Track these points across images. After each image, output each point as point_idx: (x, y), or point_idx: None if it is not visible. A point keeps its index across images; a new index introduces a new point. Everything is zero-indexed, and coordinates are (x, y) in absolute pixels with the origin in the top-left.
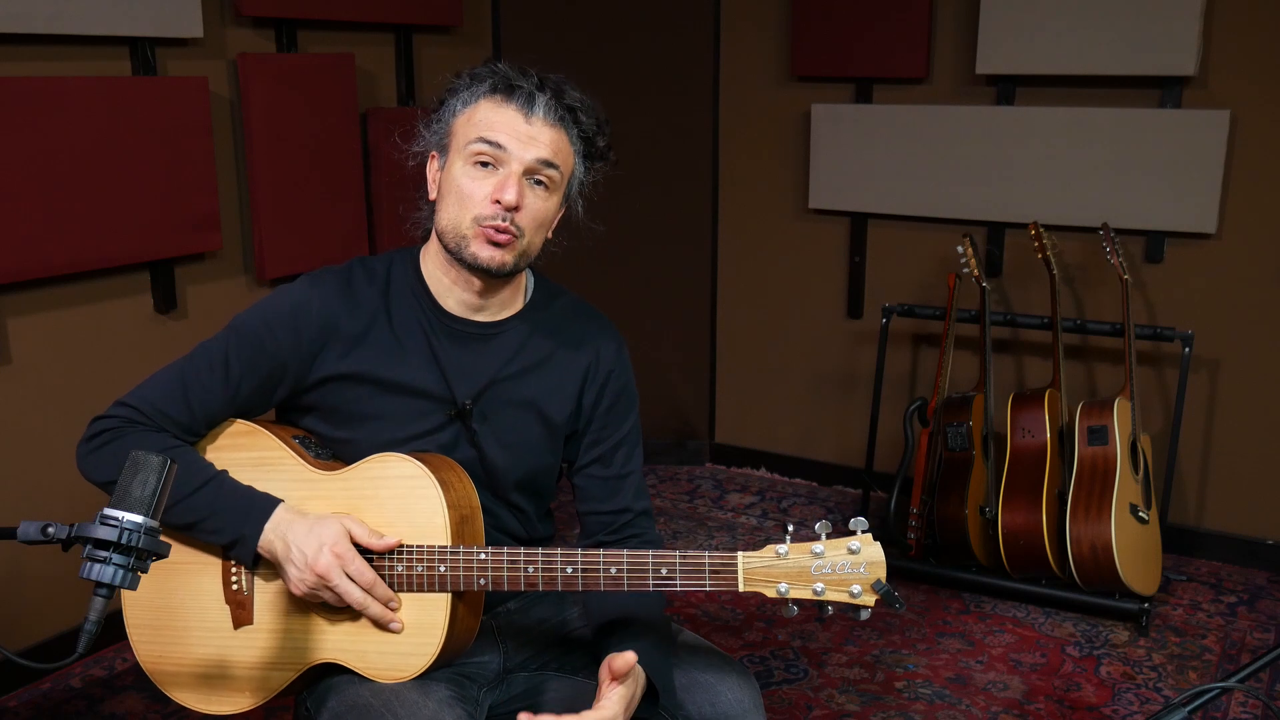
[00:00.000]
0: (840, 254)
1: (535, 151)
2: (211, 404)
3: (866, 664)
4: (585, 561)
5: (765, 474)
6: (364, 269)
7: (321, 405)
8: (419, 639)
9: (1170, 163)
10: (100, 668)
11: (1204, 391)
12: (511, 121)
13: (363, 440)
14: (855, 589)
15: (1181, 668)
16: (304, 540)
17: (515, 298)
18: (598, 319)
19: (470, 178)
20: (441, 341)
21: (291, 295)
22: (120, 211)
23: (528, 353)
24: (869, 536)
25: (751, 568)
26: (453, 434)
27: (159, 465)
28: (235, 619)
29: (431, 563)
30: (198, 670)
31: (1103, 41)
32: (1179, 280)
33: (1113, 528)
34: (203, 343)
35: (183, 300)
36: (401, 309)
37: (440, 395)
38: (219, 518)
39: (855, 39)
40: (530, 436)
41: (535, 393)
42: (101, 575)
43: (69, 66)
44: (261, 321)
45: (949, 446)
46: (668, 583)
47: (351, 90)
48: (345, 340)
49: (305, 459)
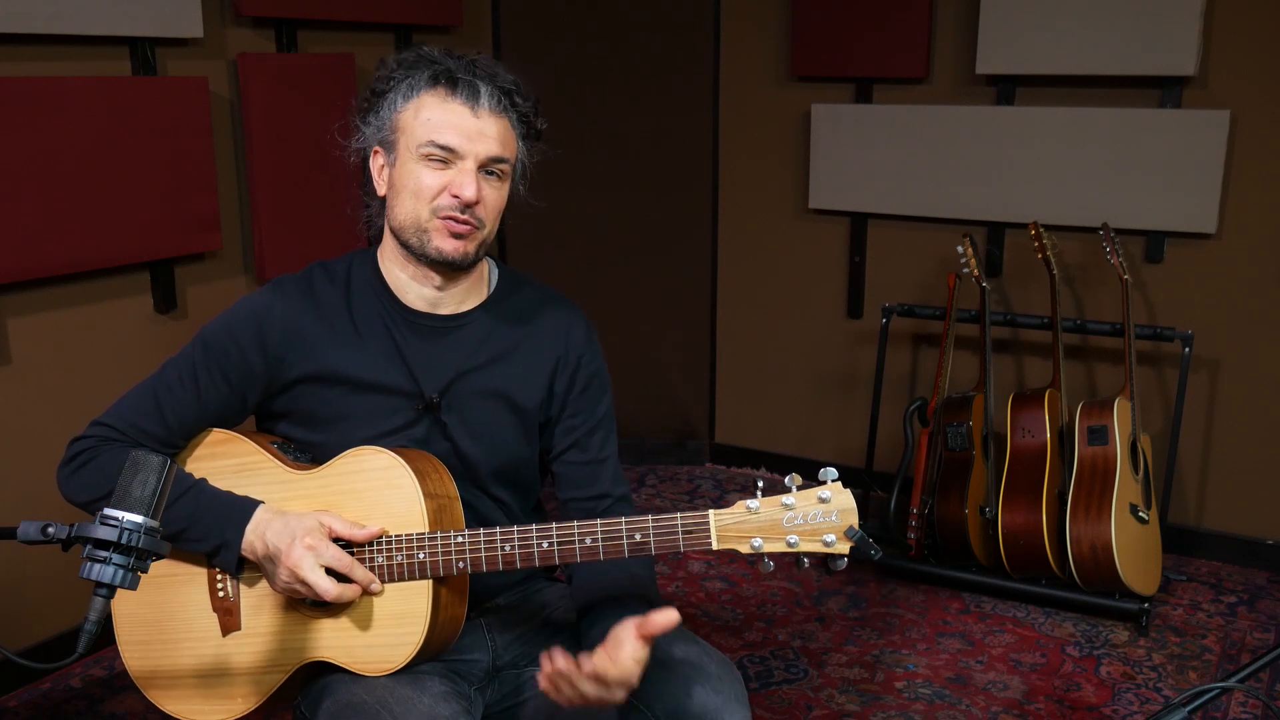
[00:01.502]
0: (840, 254)
1: (486, 147)
2: (185, 415)
3: (866, 664)
4: (560, 534)
5: (765, 474)
6: (324, 271)
7: (294, 410)
8: (403, 628)
9: (1170, 163)
10: (100, 668)
11: (1204, 391)
12: (459, 119)
13: (337, 441)
14: (829, 538)
15: (1181, 668)
16: (279, 536)
17: (477, 288)
18: (565, 304)
19: (425, 170)
20: (405, 336)
21: (254, 303)
22: (120, 211)
23: (494, 342)
24: (839, 485)
25: (724, 524)
26: (425, 428)
27: (159, 465)
28: (223, 626)
29: (410, 550)
30: (190, 680)
31: (1103, 41)
32: (1179, 280)
33: (1113, 528)
34: (171, 357)
35: (183, 300)
36: (364, 307)
37: (408, 390)
38: (201, 525)
39: (855, 39)
40: (501, 426)
41: (504, 382)
42: (101, 575)
43: (69, 66)
44: (226, 330)
45: (949, 446)
46: (641, 548)
47: (351, 90)
48: (310, 343)
49: (284, 462)
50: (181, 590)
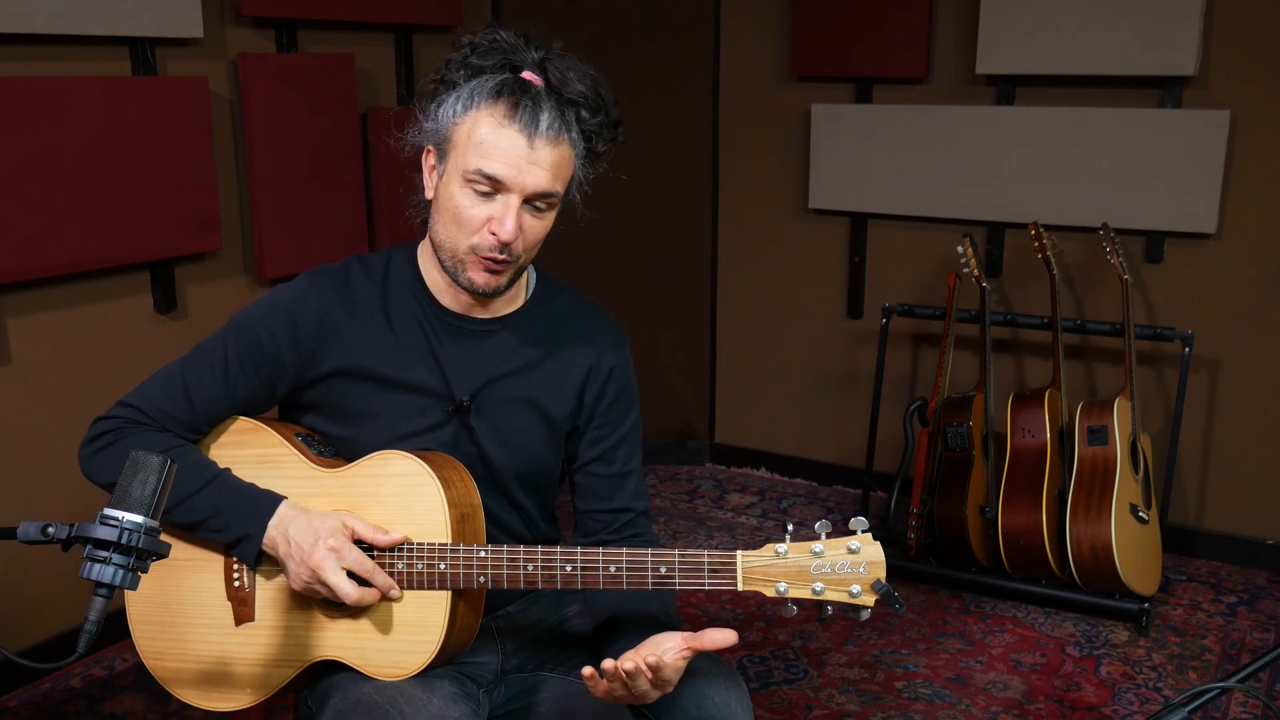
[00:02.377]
0: (840, 254)
1: (535, 181)
2: (212, 403)
3: (866, 664)
4: (584, 559)
5: (765, 474)
6: (362, 266)
7: (322, 403)
8: (419, 636)
9: (1170, 163)
10: (100, 668)
11: (1204, 391)
12: (513, 148)
13: (363, 437)
14: (855, 589)
15: (1181, 668)
16: (302, 535)
17: (516, 294)
18: (600, 316)
19: (468, 200)
20: (440, 338)
21: (289, 293)
22: (120, 211)
23: (528, 349)
24: (869, 536)
25: (750, 567)
26: (452, 431)
27: (159, 465)
28: (237, 616)
29: (431, 560)
30: (199, 667)
31: (1103, 41)
32: (1179, 280)
33: (1113, 528)
34: (201, 342)
35: (183, 300)
36: (400, 305)
37: (438, 392)
38: (223, 516)
39: (855, 39)
40: (530, 434)
41: (535, 390)
42: (101, 575)
43: (69, 66)
44: (260, 320)
45: (949, 446)
46: (666, 581)
47: (351, 90)
48: (343, 337)
49: (308, 456)
50: (196, 576)
